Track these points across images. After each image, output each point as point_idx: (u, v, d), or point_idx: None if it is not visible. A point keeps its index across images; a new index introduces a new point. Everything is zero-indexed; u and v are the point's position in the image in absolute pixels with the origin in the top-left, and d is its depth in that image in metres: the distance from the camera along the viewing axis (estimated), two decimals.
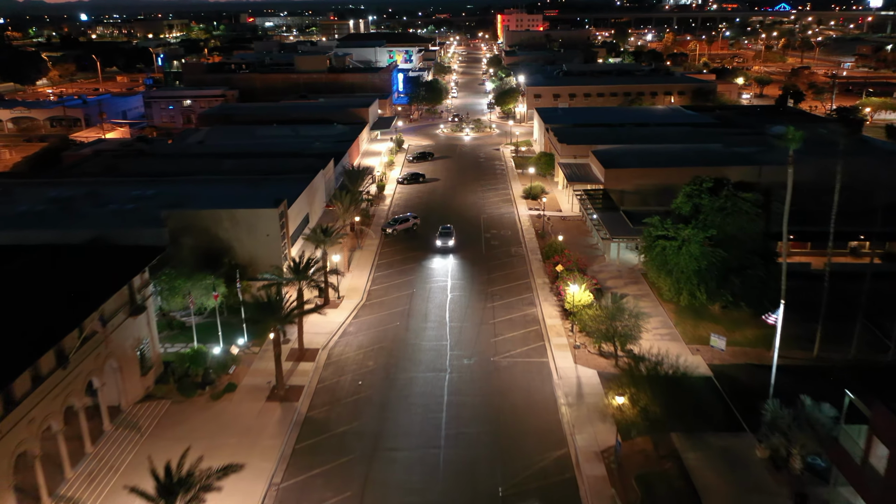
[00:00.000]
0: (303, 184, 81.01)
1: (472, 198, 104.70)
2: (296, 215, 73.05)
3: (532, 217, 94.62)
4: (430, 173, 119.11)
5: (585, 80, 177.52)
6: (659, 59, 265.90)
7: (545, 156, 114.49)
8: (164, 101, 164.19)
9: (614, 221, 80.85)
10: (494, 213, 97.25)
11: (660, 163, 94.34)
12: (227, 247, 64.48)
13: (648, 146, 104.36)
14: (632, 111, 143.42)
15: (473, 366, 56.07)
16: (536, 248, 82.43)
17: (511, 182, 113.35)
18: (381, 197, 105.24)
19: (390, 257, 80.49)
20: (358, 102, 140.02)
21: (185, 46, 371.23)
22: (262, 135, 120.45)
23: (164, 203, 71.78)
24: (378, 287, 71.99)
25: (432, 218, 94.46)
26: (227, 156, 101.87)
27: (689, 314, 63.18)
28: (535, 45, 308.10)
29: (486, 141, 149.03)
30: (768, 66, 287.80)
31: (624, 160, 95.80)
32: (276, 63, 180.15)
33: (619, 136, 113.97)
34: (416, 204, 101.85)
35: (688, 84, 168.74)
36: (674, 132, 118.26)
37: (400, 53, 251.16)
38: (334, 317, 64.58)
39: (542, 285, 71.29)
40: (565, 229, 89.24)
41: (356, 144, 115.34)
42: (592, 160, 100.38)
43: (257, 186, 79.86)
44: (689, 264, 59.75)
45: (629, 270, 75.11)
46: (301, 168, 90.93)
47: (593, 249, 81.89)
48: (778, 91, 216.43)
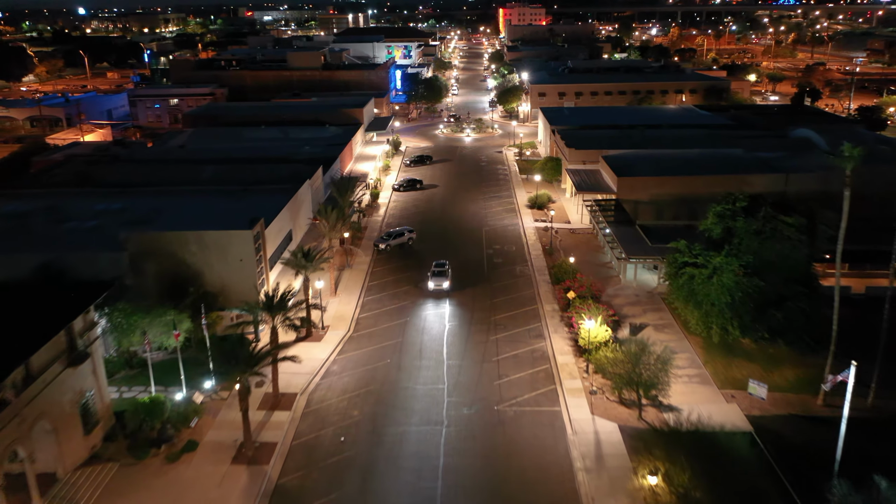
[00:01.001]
0: (287, 195, 73.35)
1: (473, 207, 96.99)
2: (276, 234, 65.41)
3: (538, 230, 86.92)
4: (428, 179, 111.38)
5: (592, 77, 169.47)
6: (666, 54, 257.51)
7: (551, 160, 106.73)
8: (149, 100, 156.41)
9: (630, 238, 73.15)
10: (497, 224, 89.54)
11: (676, 170, 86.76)
12: (196, 273, 56.85)
13: (663, 151, 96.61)
14: (642, 111, 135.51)
15: (474, 417, 48.46)
16: (544, 266, 74.76)
17: (515, 189, 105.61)
18: (374, 206, 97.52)
19: (382, 277, 72.85)
20: (352, 102, 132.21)
21: (180, 41, 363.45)
22: (249, 137, 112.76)
23: (129, 220, 64.20)
24: (368, 315, 64.33)
25: (430, 231, 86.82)
26: (209, 162, 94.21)
27: (720, 349, 55.56)
28: (537, 39, 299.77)
29: (488, 142, 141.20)
30: (778, 62, 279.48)
31: (637, 167, 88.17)
32: (269, 59, 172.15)
33: (631, 140, 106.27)
34: (413, 214, 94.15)
35: (700, 82, 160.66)
36: (688, 135, 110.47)
37: (399, 49, 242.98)
38: (316, 352, 57.02)
39: (551, 313, 63.61)
40: (575, 245, 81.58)
41: (349, 148, 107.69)
42: (603, 166, 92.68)
43: (236, 199, 72.21)
44: (720, 296, 52.07)
45: (648, 295, 67.45)
46: (287, 176, 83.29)
47: (607, 269, 74.21)
48: (791, 88, 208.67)
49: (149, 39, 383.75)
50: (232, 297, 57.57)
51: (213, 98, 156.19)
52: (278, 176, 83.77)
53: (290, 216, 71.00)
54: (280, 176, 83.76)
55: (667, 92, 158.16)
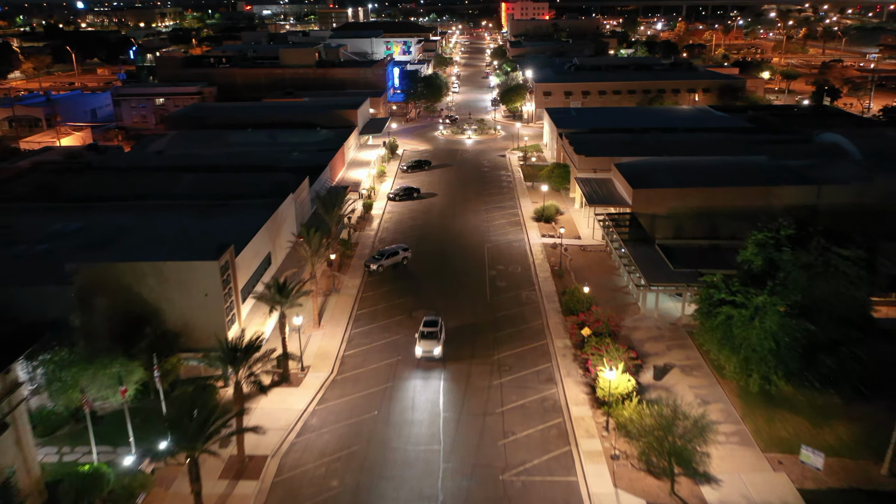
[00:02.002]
0: (266, 212, 65.70)
1: (474, 219, 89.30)
2: (251, 259, 57.77)
3: (546, 246, 79.24)
4: (426, 187, 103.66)
5: (599, 75, 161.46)
6: (674, 50, 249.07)
7: (559, 167, 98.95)
8: (134, 100, 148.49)
9: (649, 261, 65.45)
10: (501, 240, 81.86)
11: (697, 181, 79.10)
12: (154, 310, 49.27)
13: (680, 159, 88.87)
14: (654, 112, 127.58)
15: (475, 490, 40.83)
16: (553, 292, 67.08)
17: (519, 198, 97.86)
18: (367, 218, 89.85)
19: (373, 304, 65.24)
20: (346, 102, 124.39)
21: (175, 36, 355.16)
22: (234, 142, 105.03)
23: (85, 243, 56.67)
24: (354, 352, 56.73)
25: (427, 248, 79.21)
26: (188, 170, 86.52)
27: (759, 398, 48.00)
28: (541, 34, 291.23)
29: (491, 145, 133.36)
30: (789, 58, 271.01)
31: (654, 177, 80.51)
32: (260, 57, 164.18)
33: (645, 145, 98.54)
34: (409, 228, 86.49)
35: (714, 80, 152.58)
36: (706, 140, 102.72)
37: (398, 44, 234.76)
38: (293, 401, 49.49)
39: (563, 350, 55.98)
40: (587, 265, 73.94)
41: (341, 153, 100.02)
42: (616, 175, 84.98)
43: (209, 217, 64.66)
44: (763, 342, 44.45)
45: (671, 327, 59.79)
46: (270, 188, 75.70)
47: (623, 295, 66.55)
48: (805, 86, 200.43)
49: (144, 34, 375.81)
50: (196, 336, 50.02)
51: (201, 97, 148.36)
52: (260, 188, 76.17)
53: (270, 237, 63.36)
54: (262, 188, 76.14)
55: (679, 91, 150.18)
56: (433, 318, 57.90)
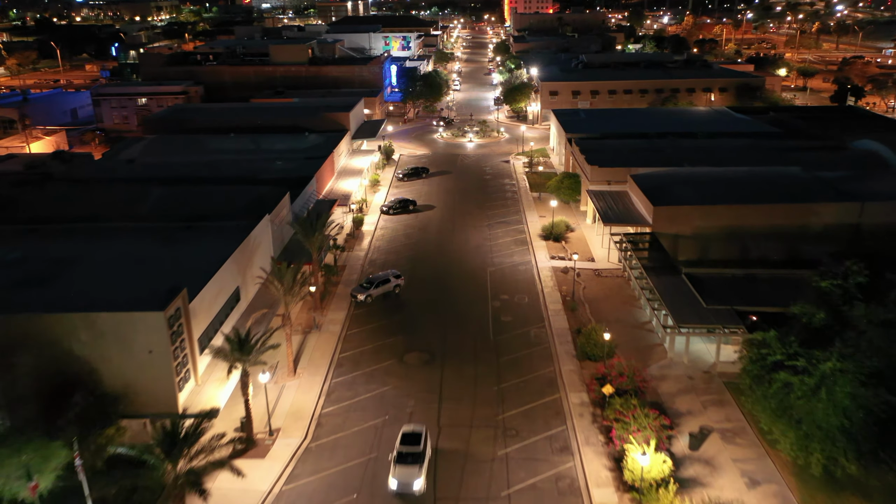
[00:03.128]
0: (238, 236, 57.12)
1: (475, 237, 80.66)
2: (213, 299, 49.21)
3: (556, 271, 70.63)
4: (423, 198, 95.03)
5: (609, 73, 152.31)
6: (684, 45, 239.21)
7: (568, 177, 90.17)
8: (114, 99, 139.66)
9: (676, 295, 56.76)
10: (505, 263, 73.26)
11: (724, 196, 70.71)
12: (87, 370, 40.82)
13: (703, 170, 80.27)
14: (669, 114, 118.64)
15: None
16: (566, 329, 58.51)
17: (525, 211, 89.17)
18: (357, 235, 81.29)
19: (359, 345, 56.74)
20: (338, 104, 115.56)
21: (169, 31, 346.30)
22: (214, 148, 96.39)
23: (21, 278, 48.21)
24: (334, 409, 48.26)
25: (422, 272, 70.67)
26: (158, 182, 78.08)
27: (822, 481, 39.43)
28: (545, 29, 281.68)
29: (494, 149, 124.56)
30: (803, 53, 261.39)
31: (675, 192, 72.04)
32: (250, 53, 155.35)
33: (662, 153, 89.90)
34: (403, 247, 77.92)
35: (730, 79, 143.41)
36: (729, 147, 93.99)
37: (397, 40, 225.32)
38: (256, 478, 41.00)
39: (579, 408, 47.46)
40: (603, 293, 65.38)
41: (330, 162, 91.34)
42: (633, 189, 76.42)
43: (172, 243, 56.19)
44: (831, 418, 35.94)
45: (705, 377, 51.26)
46: (247, 205, 67.23)
47: (647, 333, 57.99)
48: (822, 83, 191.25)
49: (138, 28, 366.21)
50: (141, 399, 41.57)
51: (185, 97, 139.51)
52: (236, 204, 67.67)
53: (239, 268, 54.80)
54: (238, 204, 67.64)
55: (693, 90, 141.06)
56: (414, 431, 42.37)
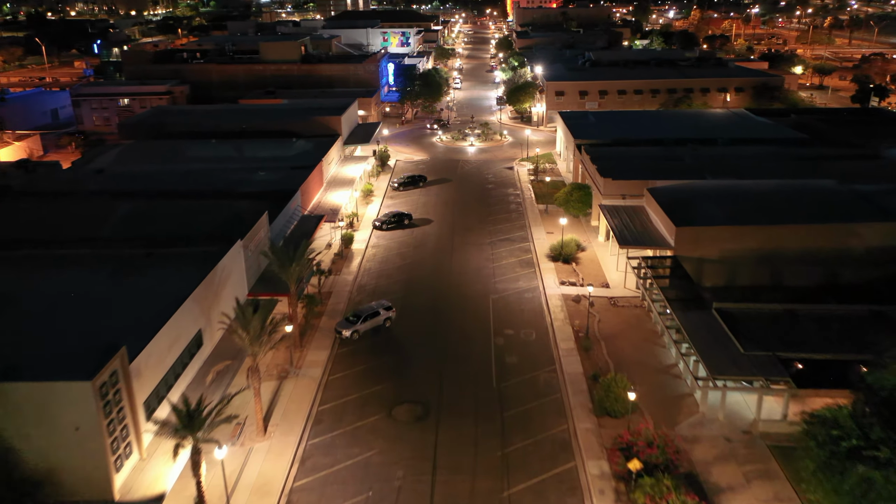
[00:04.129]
0: (204, 266, 49.65)
1: (476, 257, 73.07)
2: (166, 350, 41.75)
3: (567, 300, 63.00)
4: (420, 210, 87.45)
5: (618, 72, 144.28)
6: (693, 41, 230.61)
7: (578, 189, 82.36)
8: (95, 100, 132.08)
9: (708, 337, 49.07)
10: (510, 289, 65.67)
11: (754, 214, 63.52)
12: (1, 451, 33.39)
13: (728, 183, 72.82)
14: (684, 118, 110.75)
15: None
16: (579, 374, 50.96)
17: (531, 226, 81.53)
18: (346, 256, 73.72)
19: (342, 394, 49.23)
20: (330, 106, 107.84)
21: (163, 26, 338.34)
22: (193, 156, 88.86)
23: None
24: (308, 482, 40.75)
25: (416, 301, 63.12)
26: (126, 197, 70.69)
27: None
28: (549, 24, 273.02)
29: (496, 154, 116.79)
30: (816, 49, 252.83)
31: (699, 209, 64.71)
32: (240, 51, 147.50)
33: (681, 163, 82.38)
34: (396, 270, 70.37)
35: (747, 78, 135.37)
36: (752, 155, 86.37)
37: (395, 36, 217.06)
38: None
39: (599, 483, 39.92)
40: (620, 328, 57.82)
41: (318, 171, 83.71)
42: (651, 205, 68.95)
43: (127, 276, 48.87)
44: None
45: (745, 440, 43.69)
46: (220, 224, 59.99)
47: (673, 379, 50.44)
48: (839, 81, 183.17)
49: (132, 23, 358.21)
50: (69, 484, 34.15)
51: (170, 98, 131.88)
52: (208, 225, 60.29)
53: (202, 307, 47.31)
54: (210, 225, 60.28)
55: (708, 90, 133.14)
56: None
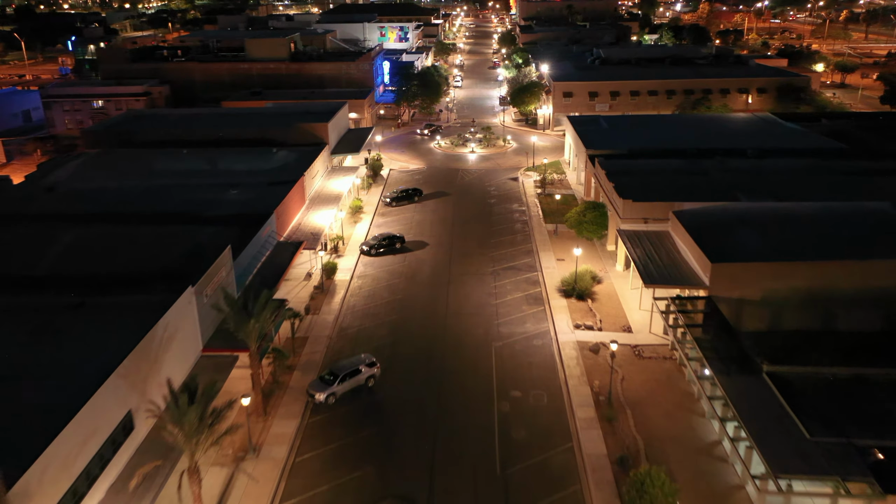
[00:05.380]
0: (148, 319, 40.25)
1: (477, 292, 63.61)
2: (76, 450, 32.42)
3: (583, 349, 53.61)
4: (414, 230, 78.07)
5: (630, 71, 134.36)
6: (704, 36, 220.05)
7: (591, 210, 72.79)
8: (67, 101, 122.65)
9: (762, 415, 39.57)
10: (516, 334, 56.22)
11: (801, 247, 54.38)
12: None
13: (765, 206, 63.53)
14: (705, 123, 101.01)
15: None
16: (602, 455, 41.55)
17: (539, 252, 72.06)
18: (328, 289, 64.35)
19: (311, 484, 39.83)
20: (318, 110, 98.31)
21: (156, 19, 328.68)
22: (161, 169, 79.43)
23: None
24: None
25: (406, 351, 53.73)
26: (75, 221, 61.28)
27: None
28: (554, 17, 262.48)
29: (499, 162, 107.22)
30: (831, 44, 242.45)
31: (737, 240, 55.65)
32: (225, 48, 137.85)
33: (708, 178, 73.19)
34: (384, 307, 60.95)
35: (770, 78, 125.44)
36: (788, 168, 76.95)
37: (393, 30, 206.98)
38: None
39: None
40: (648, 388, 48.47)
41: (300, 187, 74.15)
42: (677, 230, 59.65)
43: (50, 333, 39.60)
44: None
45: None
46: (177, 259, 50.76)
47: (718, 462, 41.03)
48: (862, 79, 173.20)
49: (124, 17, 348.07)
50: None
51: (148, 99, 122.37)
52: (160, 260, 51.03)
53: (133, 383, 37.86)
54: (163, 261, 51.02)
55: (728, 91, 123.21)
56: None
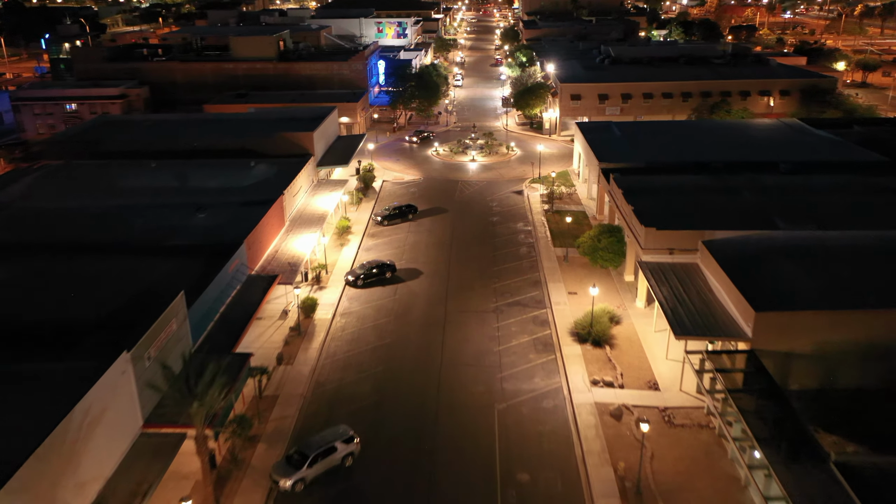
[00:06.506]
0: (69, 398, 32.04)
1: (477, 335, 55.18)
2: None
3: (602, 413, 45.25)
4: (407, 255, 69.67)
5: (642, 71, 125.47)
6: (715, 31, 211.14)
7: (607, 234, 64.30)
8: (38, 104, 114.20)
9: None
10: (523, 393, 47.80)
11: (859, 291, 46.25)
12: None
13: (810, 236, 55.19)
14: (728, 131, 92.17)
15: None
16: None
17: (548, 282, 63.58)
18: (306, 331, 55.97)
19: None
20: (304, 116, 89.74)
21: (148, 13, 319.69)
22: (125, 186, 71.03)
23: None
24: None
25: (392, 415, 45.39)
26: (18, 250, 53.23)
27: None
28: (559, 12, 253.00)
29: (502, 172, 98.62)
30: (847, 41, 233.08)
31: (782, 279, 47.79)
32: (209, 46, 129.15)
33: (739, 198, 65.03)
34: (369, 355, 52.53)
35: (794, 79, 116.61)
36: (827, 186, 68.54)
37: (391, 26, 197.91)
38: None
39: None
40: (685, 471, 40.10)
41: (279, 208, 65.77)
42: (709, 265, 51.53)
43: None
44: None
45: None
46: (124, 306, 42.63)
47: None
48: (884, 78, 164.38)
49: (117, 10, 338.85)
50: None
51: (125, 102, 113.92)
52: (104, 307, 42.88)
53: (38, 493, 29.66)
54: (107, 308, 42.86)
55: (748, 94, 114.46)
56: None
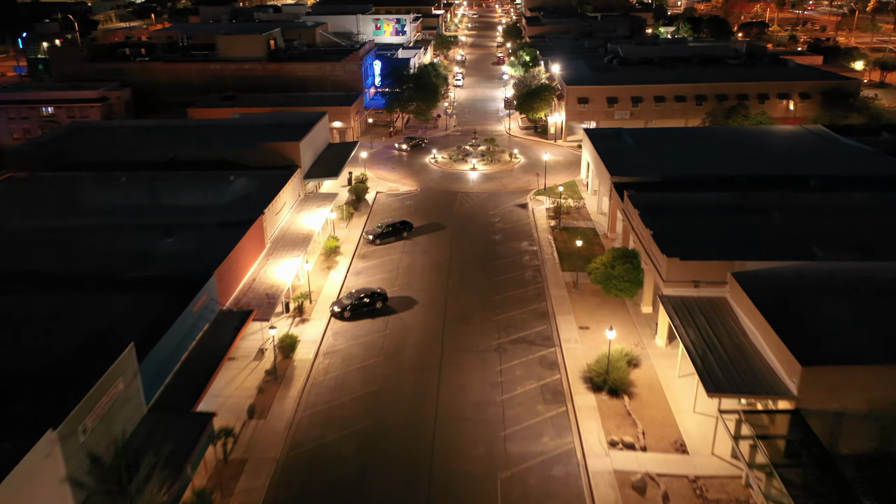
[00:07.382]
0: None
1: (476, 381, 48.71)
2: None
3: (623, 485, 38.81)
4: (400, 281, 63.18)
5: (652, 72, 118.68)
6: (724, 28, 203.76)
7: (622, 260, 57.80)
8: (13, 108, 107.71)
9: None
10: (529, 457, 41.34)
11: None
12: None
13: (855, 267, 48.68)
14: (749, 139, 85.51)
15: None
16: None
17: (556, 315, 57.04)
18: (283, 375, 49.53)
19: None
20: (292, 123, 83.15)
21: (143, 9, 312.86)
22: (90, 203, 64.74)
23: None
24: None
25: (377, 488, 38.90)
26: None
27: None
28: (563, 8, 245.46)
29: (505, 182, 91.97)
30: (858, 37, 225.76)
31: (828, 323, 41.20)
32: (195, 46, 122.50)
33: (769, 219, 58.33)
34: (355, 405, 46.10)
35: (815, 81, 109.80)
36: (863, 205, 62.02)
37: (389, 23, 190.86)
38: None
39: None
40: None
41: (258, 229, 59.34)
42: (742, 303, 45.34)
43: None
44: None
45: None
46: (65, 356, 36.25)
47: None
48: None
49: (110, 6, 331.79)
50: None
51: (105, 105, 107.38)
52: (35, 360, 36.49)
53: None
54: (40, 359, 36.50)
55: (766, 97, 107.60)
56: None
